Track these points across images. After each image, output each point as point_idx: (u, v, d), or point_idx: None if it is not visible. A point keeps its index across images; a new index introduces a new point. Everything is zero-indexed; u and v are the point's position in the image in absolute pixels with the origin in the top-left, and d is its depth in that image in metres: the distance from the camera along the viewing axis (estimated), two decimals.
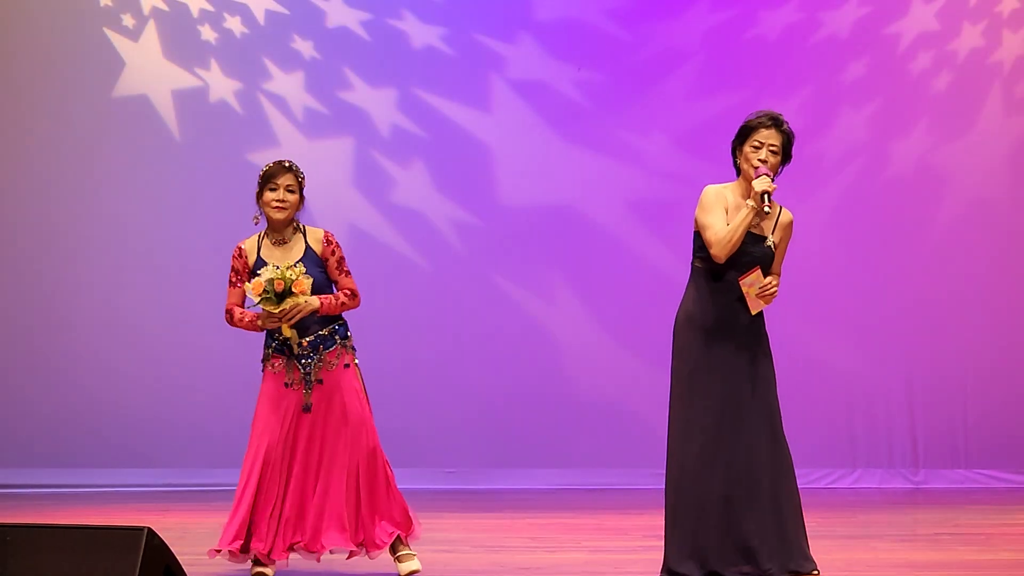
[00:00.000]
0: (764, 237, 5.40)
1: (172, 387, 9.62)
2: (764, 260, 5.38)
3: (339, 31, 9.90)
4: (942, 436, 9.76)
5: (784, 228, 5.48)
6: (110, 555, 4.16)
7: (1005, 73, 9.88)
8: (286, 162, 5.74)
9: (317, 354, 5.64)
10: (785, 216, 5.50)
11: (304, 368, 5.62)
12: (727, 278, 5.35)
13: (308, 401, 5.61)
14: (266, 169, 5.71)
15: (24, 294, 9.68)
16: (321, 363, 5.64)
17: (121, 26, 9.76)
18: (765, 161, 5.35)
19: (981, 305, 9.77)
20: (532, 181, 9.90)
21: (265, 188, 5.69)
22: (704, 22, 9.92)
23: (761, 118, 5.44)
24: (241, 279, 5.72)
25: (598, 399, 9.76)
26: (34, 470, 9.48)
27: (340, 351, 5.70)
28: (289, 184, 5.68)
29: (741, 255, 5.32)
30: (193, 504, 8.67)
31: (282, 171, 5.69)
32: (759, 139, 5.40)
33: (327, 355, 5.66)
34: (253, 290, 5.50)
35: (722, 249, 5.27)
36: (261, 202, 5.70)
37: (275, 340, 5.67)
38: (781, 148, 5.41)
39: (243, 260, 5.74)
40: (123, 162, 9.77)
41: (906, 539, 6.86)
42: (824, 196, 9.85)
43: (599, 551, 6.42)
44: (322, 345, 5.65)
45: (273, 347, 5.68)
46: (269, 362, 5.70)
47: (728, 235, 5.27)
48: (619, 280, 9.85)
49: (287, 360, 5.64)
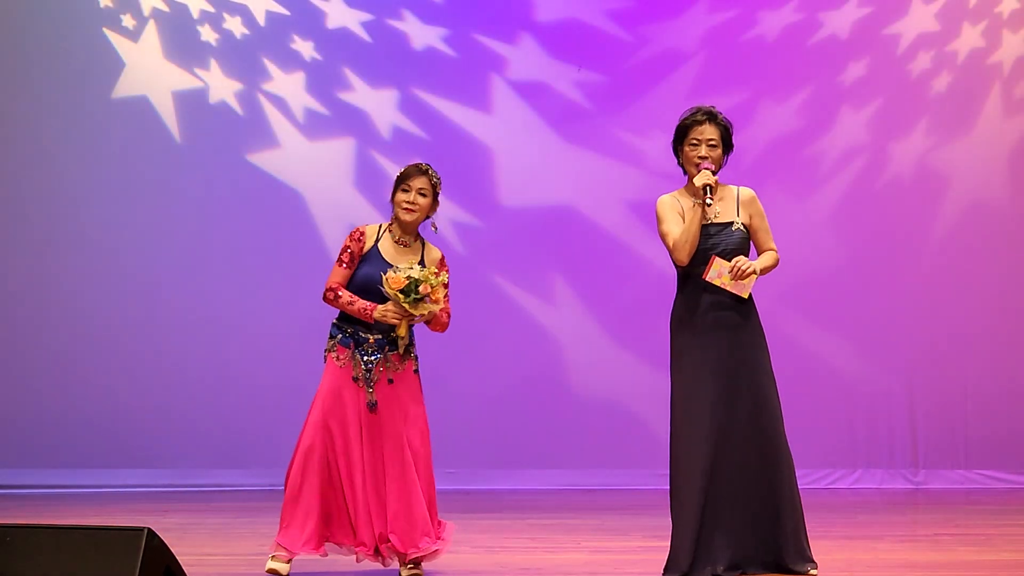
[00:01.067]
0: (729, 223, 5.40)
1: (172, 388, 9.62)
2: (739, 244, 5.39)
3: (339, 32, 9.90)
4: (942, 436, 9.76)
5: (749, 204, 5.47)
6: (110, 555, 4.16)
7: (1005, 74, 9.88)
8: (423, 165, 5.73)
9: (382, 353, 5.64)
10: (744, 193, 5.49)
11: (367, 365, 5.61)
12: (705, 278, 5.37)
13: (373, 399, 5.60)
14: (403, 170, 5.72)
15: (24, 294, 9.69)
16: (387, 363, 5.64)
17: (121, 27, 9.77)
18: (706, 157, 5.37)
19: (981, 305, 9.77)
20: (532, 182, 9.91)
21: (398, 188, 5.69)
22: (704, 22, 9.93)
23: (695, 115, 5.47)
24: (353, 261, 5.68)
25: (598, 399, 9.76)
26: (34, 470, 9.48)
27: (405, 356, 5.70)
28: (422, 187, 5.68)
29: (710, 248, 5.34)
30: (193, 504, 8.67)
31: (417, 173, 5.69)
32: (696, 137, 5.44)
33: (392, 356, 5.65)
34: (392, 283, 5.48)
35: (681, 252, 5.33)
36: (394, 202, 5.71)
37: (343, 333, 5.66)
38: (720, 140, 5.43)
39: (360, 244, 5.71)
40: (123, 163, 9.77)
41: (906, 539, 6.86)
42: (824, 196, 9.85)
43: (599, 551, 6.42)
44: (387, 346, 5.65)
45: (340, 339, 5.67)
46: (334, 352, 5.69)
47: (683, 237, 5.31)
48: (619, 280, 9.86)
49: (351, 354, 5.63)
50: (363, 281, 5.64)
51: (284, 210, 9.82)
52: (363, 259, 5.67)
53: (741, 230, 5.39)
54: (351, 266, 5.68)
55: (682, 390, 5.37)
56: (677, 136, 5.49)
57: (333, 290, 5.67)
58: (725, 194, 5.43)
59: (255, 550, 6.55)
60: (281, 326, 9.69)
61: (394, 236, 5.73)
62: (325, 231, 9.74)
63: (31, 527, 4.38)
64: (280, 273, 9.75)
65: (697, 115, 5.45)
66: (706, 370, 5.32)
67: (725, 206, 5.41)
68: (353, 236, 5.72)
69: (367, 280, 5.62)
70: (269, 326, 9.70)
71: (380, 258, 5.67)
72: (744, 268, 5.28)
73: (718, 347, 5.33)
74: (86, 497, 9.08)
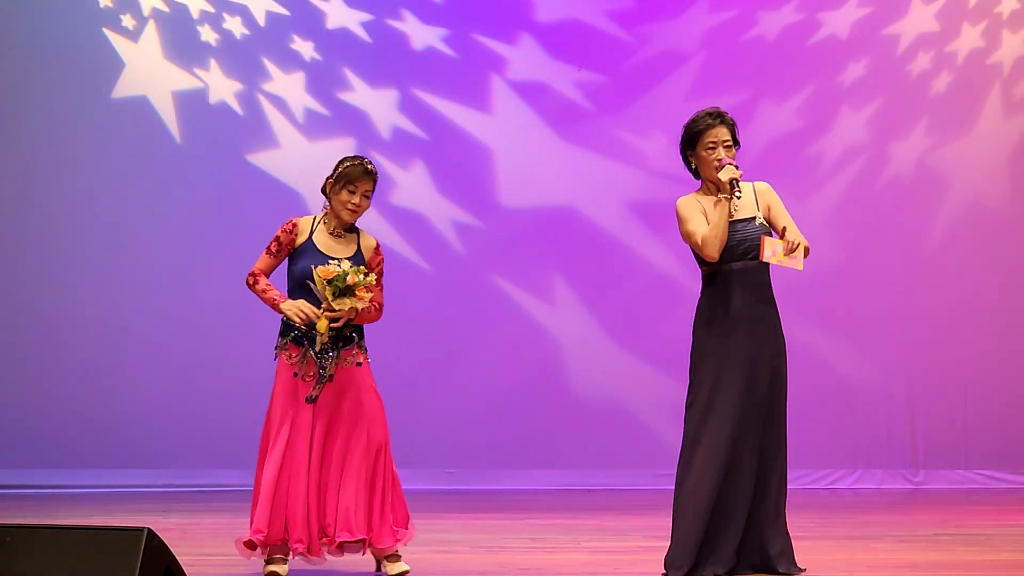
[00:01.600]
0: (752, 217, 5.44)
1: (172, 388, 9.62)
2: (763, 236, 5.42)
3: (339, 32, 9.91)
4: (942, 437, 9.77)
5: (766, 195, 5.52)
6: (110, 555, 4.16)
7: (1005, 74, 9.88)
8: (369, 166, 5.73)
9: (335, 351, 5.63)
10: (759, 185, 5.55)
11: (320, 362, 5.61)
12: (733, 273, 5.38)
13: (314, 393, 5.59)
14: (348, 168, 5.69)
15: (24, 295, 9.69)
16: (337, 359, 5.63)
17: (121, 27, 9.77)
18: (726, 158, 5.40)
19: (981, 305, 9.78)
20: (532, 182, 9.91)
21: (344, 188, 5.68)
22: (704, 23, 9.93)
23: (705, 119, 5.50)
24: (281, 252, 5.73)
25: (598, 399, 9.76)
26: (34, 470, 9.48)
27: (355, 350, 5.69)
28: (367, 191, 5.71)
29: (737, 244, 5.37)
30: (193, 504, 8.67)
31: (365, 177, 5.69)
32: (711, 140, 5.46)
33: (344, 352, 5.65)
34: (322, 274, 5.49)
35: (712, 247, 5.34)
36: (334, 198, 5.70)
37: (295, 330, 5.66)
38: (732, 139, 5.48)
39: (292, 236, 5.73)
40: (123, 163, 9.77)
41: (906, 539, 6.86)
42: (824, 196, 9.85)
43: (599, 552, 6.42)
44: (341, 342, 5.65)
45: (292, 336, 5.68)
46: (285, 351, 5.70)
47: (712, 232, 5.33)
48: (619, 280, 9.86)
49: (303, 352, 5.63)
50: (300, 274, 5.66)
51: (284, 210, 9.73)
52: (298, 252, 5.69)
53: (763, 224, 5.44)
54: (277, 257, 5.73)
55: (706, 387, 5.37)
56: (688, 141, 5.50)
57: (254, 275, 5.73)
58: (742, 190, 5.46)
59: None
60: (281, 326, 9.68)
61: (329, 228, 5.74)
62: None
63: (31, 527, 4.38)
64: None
65: (707, 119, 5.48)
66: (731, 367, 5.34)
67: (744, 201, 5.45)
68: (285, 228, 5.75)
69: (304, 272, 5.64)
70: (269, 326, 9.67)
71: (316, 250, 5.67)
72: (795, 241, 5.33)
73: (743, 344, 5.35)
74: (86, 497, 9.08)
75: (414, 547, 5.96)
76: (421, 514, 5.83)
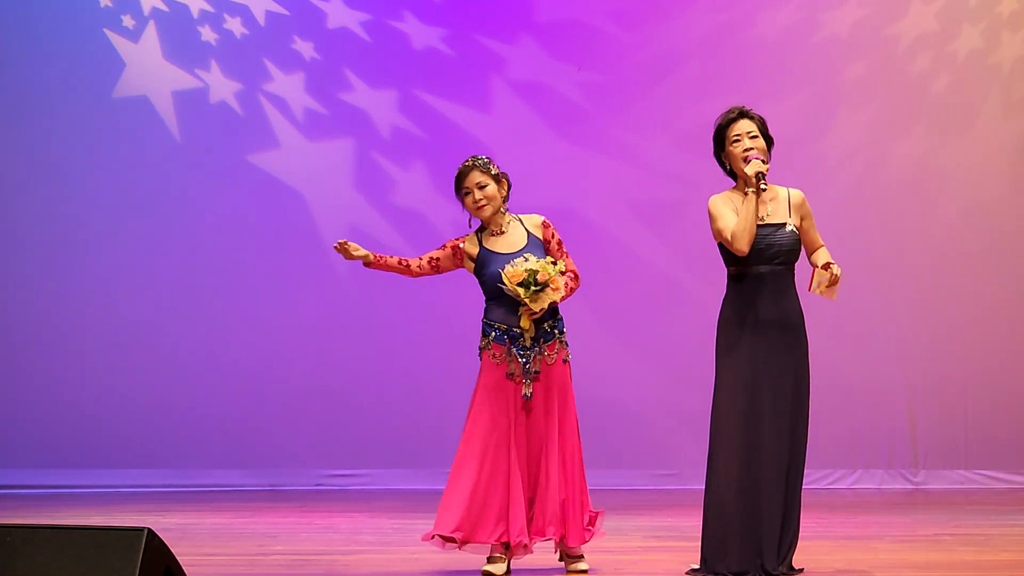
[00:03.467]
0: (783, 223, 5.44)
1: (172, 387, 9.62)
2: (791, 245, 5.42)
3: (339, 32, 9.90)
4: (942, 437, 9.76)
5: (799, 207, 5.51)
6: (110, 555, 4.15)
7: (1004, 74, 9.87)
8: (469, 160, 5.78)
9: (537, 347, 5.65)
10: (795, 196, 5.52)
11: (524, 359, 5.62)
12: (760, 276, 5.38)
13: (528, 391, 5.62)
14: (455, 177, 5.76)
15: (24, 294, 9.69)
16: (541, 356, 5.66)
17: (121, 27, 9.77)
18: (751, 148, 5.39)
19: (981, 305, 9.77)
20: (532, 182, 9.88)
21: (462, 196, 5.74)
22: (704, 22, 9.92)
23: (728, 115, 5.52)
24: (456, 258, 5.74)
25: (598, 399, 9.73)
26: (34, 470, 9.49)
27: (558, 346, 5.72)
28: (479, 181, 5.73)
29: (766, 248, 5.37)
30: (193, 504, 8.67)
31: (467, 172, 5.74)
32: (734, 134, 5.47)
33: (546, 348, 5.68)
34: (512, 278, 5.50)
35: (742, 240, 5.32)
36: (465, 207, 5.76)
37: (495, 330, 5.66)
38: (759, 131, 5.47)
39: (456, 260, 5.76)
40: (123, 163, 9.77)
41: (906, 540, 6.86)
42: (824, 196, 9.80)
43: (599, 551, 6.40)
44: (543, 338, 5.68)
45: (493, 336, 5.68)
46: (489, 350, 5.70)
47: (740, 226, 5.32)
48: (619, 280, 9.85)
49: (508, 351, 5.64)
50: (491, 281, 5.64)
51: (284, 210, 9.82)
52: (479, 265, 5.69)
53: (794, 232, 5.43)
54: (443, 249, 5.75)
55: (730, 389, 5.38)
56: (717, 142, 5.51)
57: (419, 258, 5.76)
58: (775, 195, 5.46)
59: (255, 550, 6.56)
60: (281, 326, 9.70)
61: (489, 231, 5.76)
62: (325, 231, 9.73)
63: (31, 527, 4.37)
64: (280, 273, 9.75)
65: (728, 114, 5.51)
66: (755, 369, 5.34)
67: (776, 207, 5.44)
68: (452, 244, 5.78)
69: (494, 278, 5.61)
70: (269, 326, 9.71)
71: (493, 255, 5.68)
72: (836, 272, 5.39)
73: (763, 342, 5.36)
74: (86, 497, 9.08)
75: (414, 547, 5.96)
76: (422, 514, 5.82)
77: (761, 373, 5.35)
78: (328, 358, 9.63)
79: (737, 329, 5.40)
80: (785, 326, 5.40)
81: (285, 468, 9.68)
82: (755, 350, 5.36)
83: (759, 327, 5.37)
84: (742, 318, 5.40)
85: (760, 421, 5.33)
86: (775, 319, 5.39)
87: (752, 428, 5.32)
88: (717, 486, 5.37)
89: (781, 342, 5.39)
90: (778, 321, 5.39)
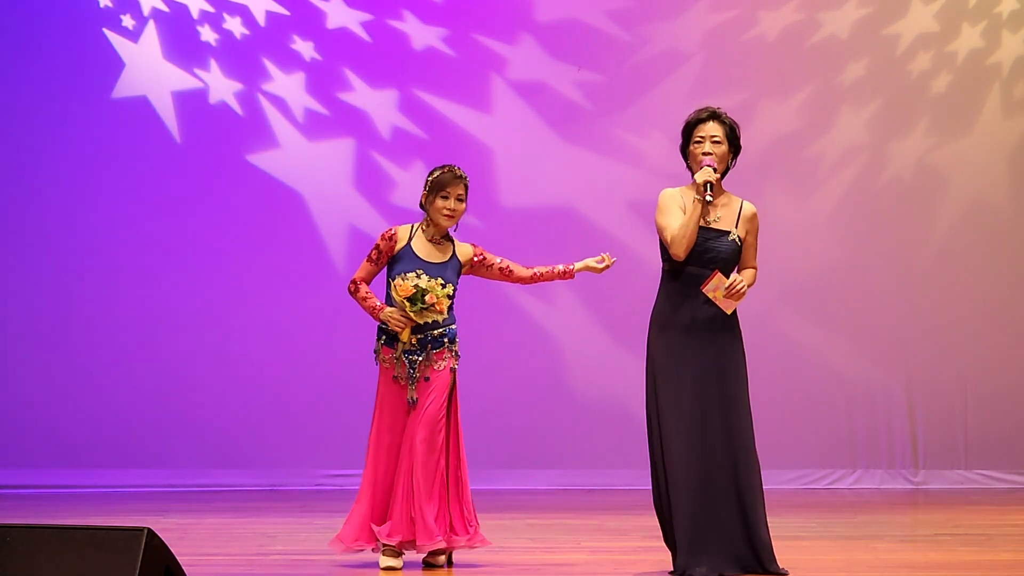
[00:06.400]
0: (727, 232, 5.40)
1: (172, 387, 9.62)
2: (730, 255, 5.38)
3: (339, 32, 9.91)
4: (942, 437, 9.76)
5: (748, 221, 5.47)
6: (110, 555, 4.15)
7: (1004, 74, 9.88)
8: (457, 170, 5.89)
9: (424, 352, 5.75)
10: (747, 209, 5.49)
11: (410, 364, 5.73)
12: (693, 277, 5.36)
13: (413, 396, 5.76)
14: (439, 176, 5.86)
15: (24, 294, 9.69)
16: (428, 362, 5.78)
17: (121, 27, 9.77)
18: (710, 153, 5.38)
19: (981, 305, 9.78)
20: (532, 182, 9.91)
21: (437, 195, 5.83)
22: (704, 22, 9.92)
23: (699, 113, 5.51)
24: (381, 259, 5.85)
25: (598, 399, 9.76)
26: (34, 470, 9.49)
27: (447, 354, 5.85)
28: (460, 194, 5.86)
29: (704, 252, 5.35)
30: (193, 504, 8.67)
31: (455, 182, 5.85)
32: (700, 134, 5.45)
33: (434, 355, 5.80)
34: (400, 291, 5.66)
35: (679, 246, 5.34)
36: (431, 208, 5.86)
37: (386, 333, 5.80)
38: (725, 138, 5.44)
39: (391, 243, 5.86)
40: (123, 163, 9.77)
41: (906, 540, 6.86)
42: (824, 196, 9.85)
43: (599, 551, 6.42)
44: (431, 345, 5.78)
45: (383, 340, 5.83)
46: (380, 355, 5.86)
47: (681, 232, 5.33)
48: (619, 280, 9.82)
49: (396, 356, 5.77)
50: None
51: (284, 210, 9.82)
52: (396, 259, 5.82)
53: (736, 242, 5.40)
54: (378, 264, 5.87)
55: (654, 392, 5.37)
56: (683, 136, 5.50)
57: (355, 282, 5.89)
58: (729, 202, 5.43)
59: (255, 550, 6.56)
60: (281, 326, 9.70)
61: (427, 235, 5.89)
62: (325, 231, 9.74)
63: (31, 527, 4.38)
64: (280, 273, 9.75)
65: (701, 113, 5.47)
66: (679, 367, 5.32)
67: (727, 214, 5.41)
68: (384, 236, 5.89)
69: None
70: (269, 326, 9.71)
71: (414, 256, 5.82)
72: (739, 288, 5.29)
73: (693, 344, 5.34)
74: (86, 497, 9.08)
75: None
76: None
77: (685, 372, 5.32)
78: (328, 358, 9.63)
79: (669, 331, 5.38)
80: (712, 327, 5.35)
81: (285, 468, 9.68)
82: (680, 349, 5.34)
83: (685, 327, 5.35)
84: (670, 317, 5.39)
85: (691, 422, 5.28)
86: (703, 319, 5.34)
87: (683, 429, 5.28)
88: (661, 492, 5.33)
89: (706, 341, 5.34)
90: (706, 322, 5.35)
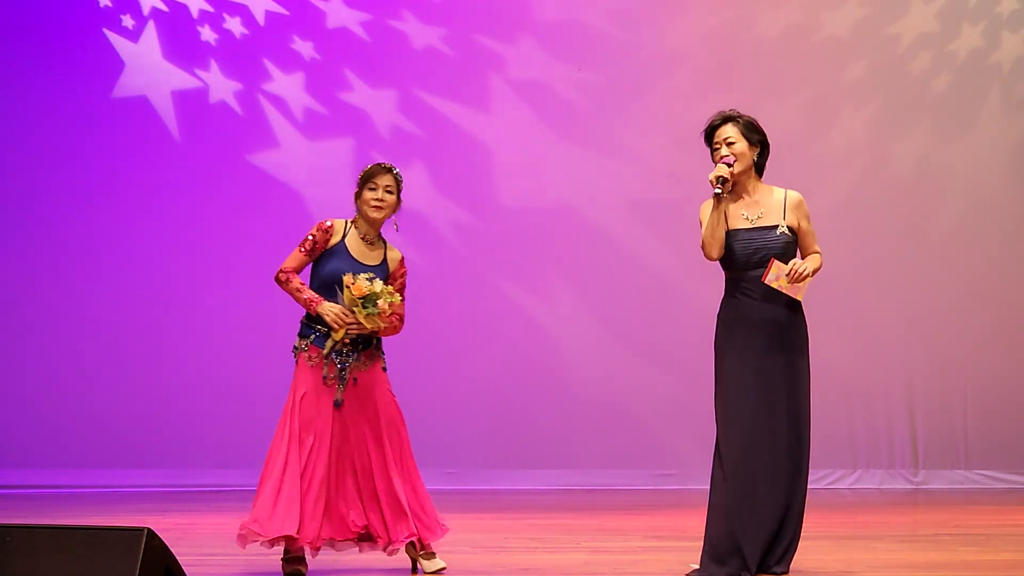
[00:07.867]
0: (774, 226, 5.44)
1: (172, 388, 9.63)
2: (783, 247, 5.42)
3: (339, 32, 9.91)
4: (942, 437, 9.76)
5: (795, 208, 5.52)
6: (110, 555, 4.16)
7: (1005, 74, 9.88)
8: (386, 164, 5.90)
9: (356, 353, 5.72)
10: (792, 197, 5.54)
11: (340, 364, 5.69)
12: (749, 278, 5.40)
13: (340, 397, 5.70)
14: (367, 169, 5.89)
15: (23, 294, 9.69)
16: (358, 362, 5.73)
17: (121, 27, 9.78)
18: (726, 156, 5.46)
19: (981, 305, 9.77)
20: (532, 181, 9.90)
21: (364, 187, 5.84)
22: (704, 22, 9.92)
23: (712, 120, 5.60)
24: (314, 251, 5.78)
25: (598, 399, 9.76)
26: (34, 470, 9.49)
27: (374, 353, 5.82)
28: (388, 185, 5.85)
29: (755, 252, 5.39)
30: (193, 504, 8.67)
31: (382, 172, 5.85)
32: (717, 140, 5.55)
33: (363, 355, 5.76)
34: (354, 289, 5.58)
35: (709, 247, 5.41)
36: (360, 201, 5.84)
37: (315, 332, 5.73)
38: (740, 136, 5.51)
39: (327, 236, 5.81)
40: (123, 163, 9.78)
41: (906, 540, 6.86)
42: (824, 196, 9.82)
43: (599, 552, 6.42)
44: (361, 345, 5.74)
45: (312, 339, 5.74)
46: (305, 353, 5.76)
47: (705, 233, 5.41)
48: (619, 280, 9.86)
49: (325, 356, 5.71)
50: (329, 275, 5.73)
51: (284, 210, 9.82)
52: (329, 253, 5.77)
53: (786, 233, 5.44)
54: (310, 255, 5.78)
55: (725, 391, 5.40)
56: (707, 145, 5.59)
57: (286, 272, 5.78)
58: (770, 197, 5.48)
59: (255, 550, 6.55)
60: (281, 326, 9.68)
61: (360, 232, 5.84)
62: None
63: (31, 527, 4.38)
64: None
65: (714, 120, 5.60)
66: (747, 369, 5.36)
67: (769, 208, 5.46)
68: (320, 227, 5.82)
69: (333, 274, 5.71)
70: (269, 326, 9.69)
71: (347, 254, 5.77)
72: (800, 271, 5.33)
73: (756, 345, 5.37)
74: (86, 497, 9.08)
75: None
76: None
77: (754, 375, 5.36)
78: None
79: (730, 332, 5.42)
80: (779, 327, 5.40)
81: None
82: (748, 352, 5.38)
83: (752, 329, 5.39)
84: (735, 321, 5.43)
85: (756, 423, 5.33)
86: (769, 320, 5.38)
87: (748, 430, 5.33)
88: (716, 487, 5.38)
89: (774, 344, 5.38)
90: (772, 322, 5.39)
